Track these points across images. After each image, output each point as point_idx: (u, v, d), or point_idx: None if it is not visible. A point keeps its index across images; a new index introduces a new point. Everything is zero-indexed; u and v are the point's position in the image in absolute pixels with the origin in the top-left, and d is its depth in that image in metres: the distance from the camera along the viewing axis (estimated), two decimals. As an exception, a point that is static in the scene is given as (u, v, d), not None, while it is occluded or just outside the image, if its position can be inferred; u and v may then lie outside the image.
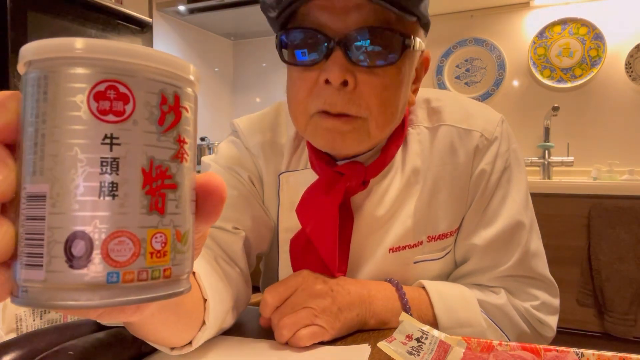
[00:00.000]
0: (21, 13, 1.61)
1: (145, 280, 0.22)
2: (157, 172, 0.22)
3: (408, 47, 0.55)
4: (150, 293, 0.22)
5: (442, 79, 2.46)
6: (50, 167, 0.21)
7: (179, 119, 0.23)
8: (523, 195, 0.67)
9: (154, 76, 0.22)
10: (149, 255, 0.22)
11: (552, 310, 0.67)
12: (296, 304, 0.55)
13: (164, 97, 0.22)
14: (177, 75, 0.23)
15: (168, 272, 0.23)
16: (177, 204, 0.23)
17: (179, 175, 0.23)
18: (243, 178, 0.70)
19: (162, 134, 0.22)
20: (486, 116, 0.68)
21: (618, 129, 2.15)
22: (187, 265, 0.25)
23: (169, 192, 0.23)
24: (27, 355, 0.43)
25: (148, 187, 0.22)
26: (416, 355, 0.45)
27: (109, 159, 0.21)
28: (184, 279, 0.25)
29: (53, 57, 0.21)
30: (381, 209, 0.65)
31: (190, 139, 0.24)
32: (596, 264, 1.66)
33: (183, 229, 0.24)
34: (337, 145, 0.58)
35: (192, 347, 0.50)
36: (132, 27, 2.08)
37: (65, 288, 0.21)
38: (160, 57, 0.22)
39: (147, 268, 0.22)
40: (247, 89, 2.99)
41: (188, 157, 0.24)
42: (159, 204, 0.22)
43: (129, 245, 0.21)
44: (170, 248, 0.23)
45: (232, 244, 0.64)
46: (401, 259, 0.66)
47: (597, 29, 2.16)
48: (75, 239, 0.20)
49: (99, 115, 0.21)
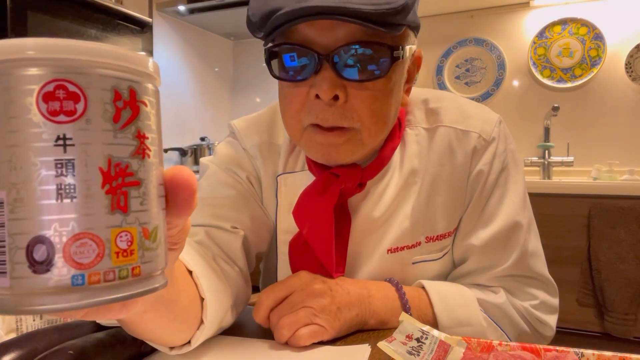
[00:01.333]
0: (21, 13, 1.60)
1: (112, 281, 0.21)
2: (117, 170, 0.22)
3: (397, 58, 0.55)
4: (120, 292, 0.22)
5: (442, 79, 2.46)
6: (5, 173, 0.20)
7: (136, 114, 0.22)
8: (520, 195, 0.67)
9: (104, 72, 0.21)
10: (114, 255, 0.21)
11: (552, 309, 0.67)
12: (295, 304, 0.55)
13: (118, 92, 0.22)
14: (131, 69, 0.22)
15: (137, 271, 0.22)
16: (141, 201, 0.23)
17: (142, 172, 0.23)
18: (241, 178, 0.70)
19: (119, 131, 0.22)
20: (484, 117, 0.68)
21: (618, 129, 2.15)
22: (160, 261, 0.24)
23: (132, 189, 0.22)
24: (27, 355, 0.43)
25: (108, 186, 0.21)
26: (416, 355, 0.45)
27: (64, 161, 0.20)
28: (158, 274, 0.25)
29: (2, 59, 0.20)
30: (379, 210, 0.65)
31: (152, 133, 0.24)
32: (596, 264, 1.66)
33: (151, 225, 0.23)
34: (332, 157, 0.58)
35: (191, 347, 0.50)
36: (132, 27, 2.08)
37: (32, 293, 0.20)
38: (110, 52, 0.22)
39: (113, 268, 0.21)
40: (247, 89, 2.99)
41: (150, 152, 0.23)
42: (121, 202, 0.22)
43: (92, 246, 0.21)
44: (138, 246, 0.22)
45: (230, 243, 0.64)
46: (399, 260, 0.66)
47: (597, 29, 2.16)
48: (36, 244, 0.20)
49: (50, 117, 0.20)
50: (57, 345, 0.43)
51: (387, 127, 0.61)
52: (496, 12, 2.35)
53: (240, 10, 2.37)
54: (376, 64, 0.54)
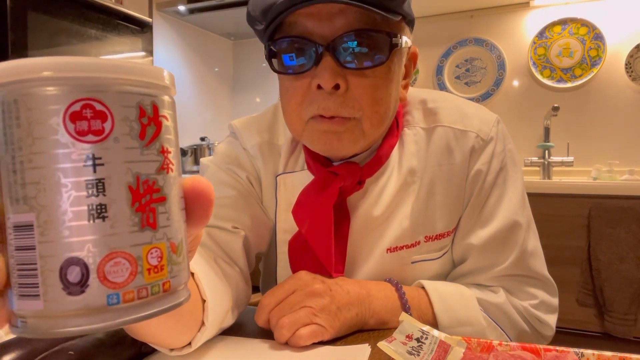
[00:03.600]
0: (21, 13, 1.60)
1: (145, 297, 0.22)
2: (145, 188, 0.22)
3: (396, 45, 0.56)
4: (151, 309, 0.22)
5: (442, 79, 2.46)
6: (34, 195, 0.20)
7: (160, 129, 0.22)
8: (519, 195, 0.67)
9: (128, 89, 0.21)
10: (146, 272, 0.21)
11: (551, 309, 0.68)
12: (295, 304, 0.55)
13: (142, 109, 0.22)
14: (152, 84, 0.22)
15: (167, 285, 0.23)
16: (168, 216, 0.23)
17: (167, 187, 0.23)
18: (241, 178, 0.70)
19: (145, 148, 0.22)
20: (482, 117, 0.68)
21: (618, 129, 2.15)
22: (184, 275, 0.24)
23: (159, 205, 0.22)
24: (27, 355, 0.43)
25: (137, 204, 0.21)
26: (416, 355, 0.45)
27: (94, 181, 0.20)
28: (182, 289, 0.25)
29: (20, 79, 0.20)
30: (378, 209, 0.65)
31: (173, 147, 0.24)
32: (596, 264, 1.65)
33: (177, 240, 0.23)
34: (334, 146, 0.58)
35: (191, 348, 0.50)
36: (132, 27, 2.08)
37: (66, 315, 0.20)
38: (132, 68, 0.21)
39: (146, 285, 0.21)
40: (247, 89, 2.99)
41: (173, 166, 0.23)
42: (150, 219, 0.22)
43: (125, 265, 0.21)
44: (167, 261, 0.22)
45: (231, 243, 0.64)
46: (399, 259, 0.66)
47: (597, 29, 2.16)
48: (69, 266, 0.20)
49: (78, 137, 0.20)
50: (57, 346, 0.43)
51: (388, 117, 0.61)
52: (496, 12, 2.35)
53: (240, 10, 2.37)
54: (376, 52, 0.55)
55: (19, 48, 1.57)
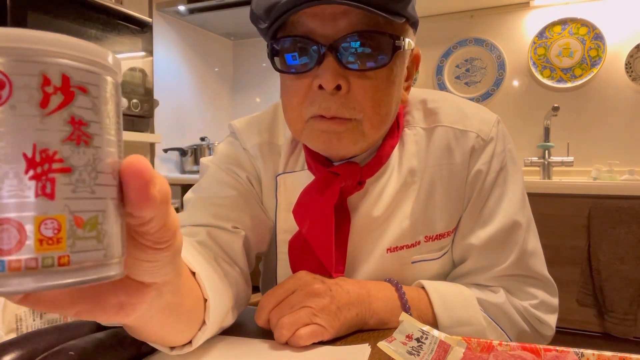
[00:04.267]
0: (21, 13, 1.61)
1: (34, 268, 0.21)
2: (43, 157, 0.21)
3: (399, 48, 0.56)
4: (40, 282, 0.21)
5: (442, 79, 2.46)
6: None
7: (69, 99, 0.22)
8: (519, 194, 0.67)
9: (33, 58, 0.21)
10: (37, 242, 0.21)
11: (551, 309, 0.68)
12: (295, 304, 0.55)
13: (46, 77, 0.21)
14: (66, 54, 0.22)
15: (64, 260, 0.22)
16: (73, 188, 0.22)
17: (75, 159, 0.22)
18: (241, 178, 0.70)
19: (47, 117, 0.21)
20: (482, 117, 0.68)
21: (618, 129, 2.15)
22: (106, 251, 0.24)
23: (61, 176, 0.22)
24: (28, 355, 0.43)
25: (32, 172, 0.21)
26: (416, 355, 0.45)
27: None
28: (105, 265, 0.24)
29: None
30: (378, 209, 0.66)
31: (97, 120, 0.23)
32: (596, 264, 1.66)
33: (87, 214, 0.23)
34: (334, 146, 0.58)
35: (192, 347, 0.50)
36: (132, 27, 2.08)
37: None
38: (42, 38, 0.21)
39: (36, 256, 0.21)
40: (247, 89, 2.99)
41: (90, 139, 0.23)
42: (46, 189, 0.21)
43: (12, 232, 0.21)
44: (67, 234, 0.22)
45: (231, 243, 0.64)
46: (399, 259, 0.66)
47: (597, 29, 2.16)
48: None
49: None
50: (58, 346, 0.43)
51: (389, 119, 0.61)
52: (496, 12, 2.35)
53: (240, 10, 2.37)
54: (378, 53, 0.55)
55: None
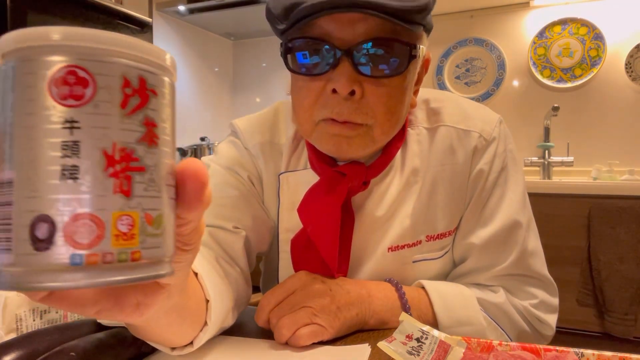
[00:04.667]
0: (21, 13, 1.60)
1: (110, 263, 0.22)
2: (121, 155, 0.22)
3: (414, 57, 0.56)
4: (116, 275, 0.22)
5: (442, 79, 2.46)
6: (17, 153, 0.21)
7: (145, 101, 0.23)
8: (520, 194, 0.67)
9: (114, 59, 0.22)
10: (114, 237, 0.22)
11: (551, 309, 0.68)
12: (295, 304, 0.55)
13: (127, 79, 0.22)
14: (142, 58, 0.23)
15: (137, 255, 0.23)
16: (145, 187, 0.23)
17: (148, 159, 0.23)
18: (243, 178, 0.70)
19: (126, 117, 0.22)
20: (484, 117, 0.68)
21: (618, 129, 2.15)
22: (164, 249, 0.24)
23: (136, 174, 0.23)
24: (28, 355, 0.43)
25: (111, 169, 0.22)
26: (416, 355, 0.45)
27: (70, 143, 0.21)
28: (162, 262, 0.25)
29: (19, 47, 0.21)
30: (381, 209, 0.66)
31: (163, 123, 0.24)
32: (596, 264, 1.66)
33: (155, 212, 0.23)
34: (343, 149, 0.58)
35: (193, 348, 0.50)
36: (132, 27, 2.08)
37: (33, 271, 0.21)
38: (123, 41, 0.22)
39: (112, 250, 0.22)
40: (247, 89, 2.99)
41: (159, 140, 0.24)
42: (124, 186, 0.22)
43: (91, 227, 0.21)
44: (139, 231, 0.23)
45: (232, 243, 0.64)
46: (400, 259, 0.66)
47: (597, 29, 2.16)
48: (39, 222, 0.21)
49: (60, 100, 0.21)
50: (58, 346, 0.43)
51: (399, 125, 0.61)
52: (496, 12, 2.35)
53: (240, 10, 2.37)
54: (394, 61, 0.55)
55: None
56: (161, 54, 0.24)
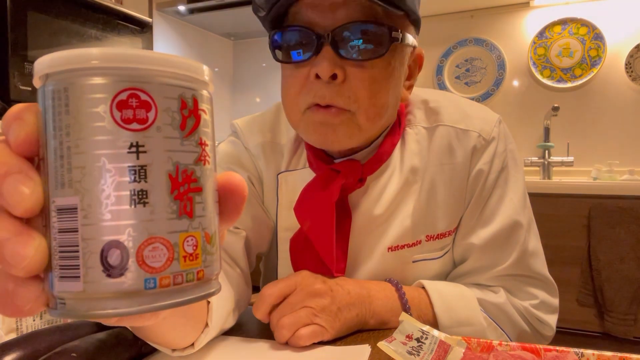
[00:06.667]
0: (21, 13, 1.60)
1: (180, 284, 0.22)
2: (183, 177, 0.22)
3: (396, 39, 0.56)
4: (186, 296, 0.23)
5: (442, 79, 2.46)
6: (79, 179, 0.21)
7: (199, 122, 0.23)
8: (520, 195, 0.67)
9: (172, 81, 0.22)
10: (182, 259, 0.22)
11: (552, 309, 0.68)
12: (295, 304, 0.55)
13: (184, 101, 0.22)
14: (193, 78, 0.23)
15: (201, 274, 0.23)
16: (203, 207, 0.23)
17: (203, 178, 0.23)
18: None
19: (185, 139, 0.22)
20: (484, 116, 0.68)
21: (618, 129, 2.15)
22: (217, 266, 0.25)
23: (196, 195, 0.23)
24: (28, 356, 0.43)
25: (176, 192, 0.22)
26: (416, 355, 0.45)
27: (137, 167, 0.21)
28: (214, 279, 0.25)
29: (70, 68, 0.21)
30: (379, 208, 0.66)
31: (210, 140, 0.24)
32: (596, 264, 1.66)
33: (211, 230, 0.24)
34: (329, 138, 0.59)
35: (194, 349, 0.50)
36: (132, 27, 2.08)
37: (104, 297, 0.21)
38: (177, 61, 0.22)
39: (182, 272, 0.22)
40: (247, 89, 2.99)
41: (210, 158, 0.24)
42: (187, 207, 0.22)
43: (163, 250, 0.21)
44: (202, 250, 0.23)
45: (233, 244, 0.64)
46: (400, 258, 0.66)
47: (597, 29, 2.16)
48: (110, 249, 0.21)
49: (123, 124, 0.21)
50: (58, 346, 0.43)
51: (386, 113, 0.61)
52: (496, 12, 2.35)
53: (240, 10, 2.37)
54: (374, 44, 0.56)
55: (19, 48, 1.57)
56: (202, 68, 0.24)
